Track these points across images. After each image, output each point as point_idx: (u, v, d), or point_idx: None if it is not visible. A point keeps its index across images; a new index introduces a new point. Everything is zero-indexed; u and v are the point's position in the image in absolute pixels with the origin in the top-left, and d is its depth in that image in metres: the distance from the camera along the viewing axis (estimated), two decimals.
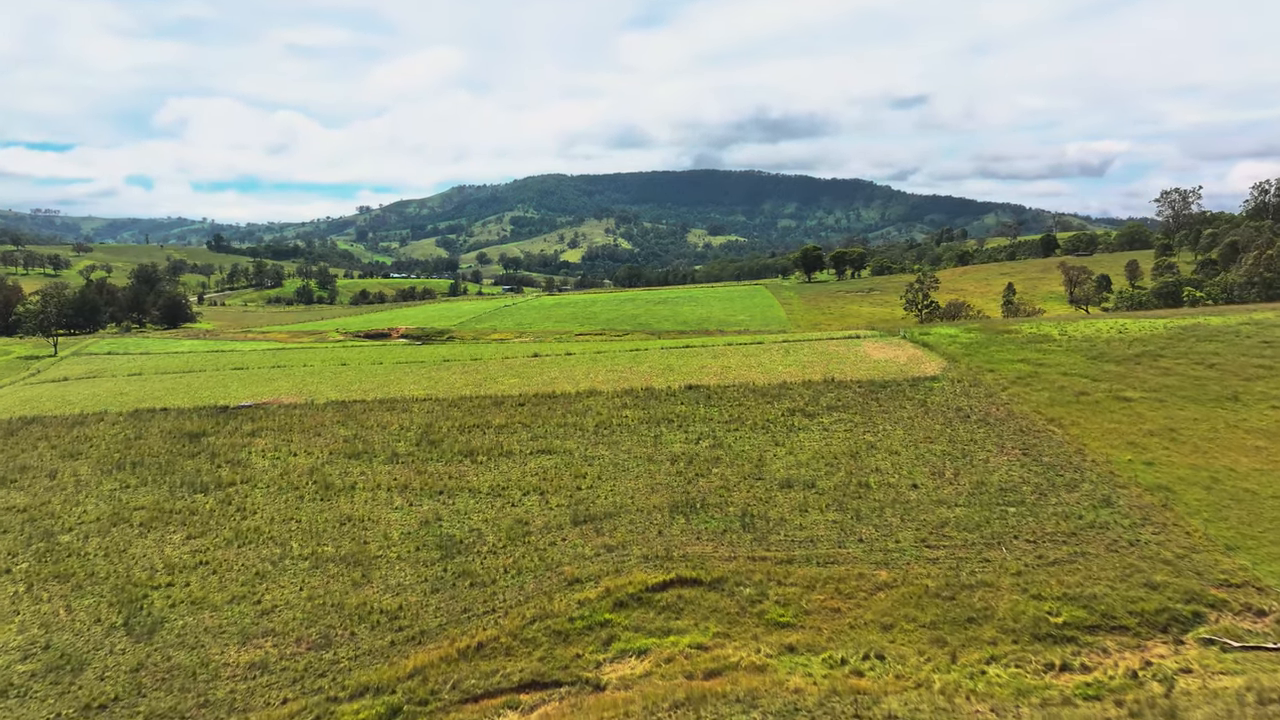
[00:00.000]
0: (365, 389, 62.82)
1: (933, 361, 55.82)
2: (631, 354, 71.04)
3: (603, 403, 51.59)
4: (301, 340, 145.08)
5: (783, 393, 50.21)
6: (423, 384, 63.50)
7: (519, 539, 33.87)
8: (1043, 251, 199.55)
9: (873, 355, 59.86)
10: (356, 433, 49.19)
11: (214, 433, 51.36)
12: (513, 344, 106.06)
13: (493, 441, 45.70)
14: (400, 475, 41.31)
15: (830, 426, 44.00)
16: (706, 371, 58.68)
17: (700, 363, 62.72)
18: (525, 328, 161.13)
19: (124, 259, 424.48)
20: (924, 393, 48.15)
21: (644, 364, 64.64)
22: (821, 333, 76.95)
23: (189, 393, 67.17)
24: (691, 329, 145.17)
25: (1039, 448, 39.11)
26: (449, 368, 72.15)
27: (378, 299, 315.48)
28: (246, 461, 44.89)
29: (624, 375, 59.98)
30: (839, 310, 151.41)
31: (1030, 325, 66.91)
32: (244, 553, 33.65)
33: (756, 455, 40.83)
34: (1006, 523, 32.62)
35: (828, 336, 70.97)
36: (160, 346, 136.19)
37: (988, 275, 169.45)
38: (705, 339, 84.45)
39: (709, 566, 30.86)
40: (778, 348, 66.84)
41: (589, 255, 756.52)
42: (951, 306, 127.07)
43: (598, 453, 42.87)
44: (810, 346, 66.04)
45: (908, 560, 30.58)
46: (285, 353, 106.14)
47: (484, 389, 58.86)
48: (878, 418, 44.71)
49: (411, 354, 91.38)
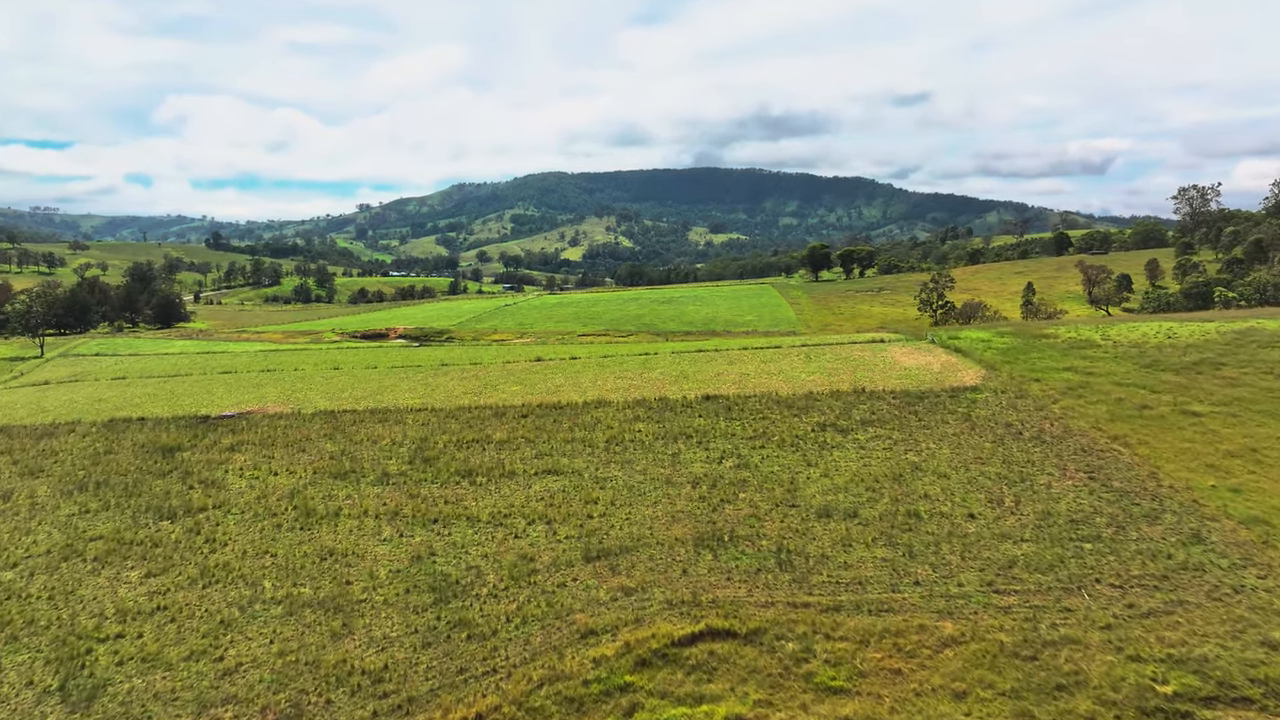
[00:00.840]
0: (357, 397, 58.59)
1: (970, 369, 51.54)
2: (641, 359, 66.78)
3: (613, 414, 47.33)
4: (296, 341, 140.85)
5: (810, 404, 45.93)
6: (418, 391, 59.27)
7: (523, 578, 29.62)
8: (1055, 250, 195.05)
9: (903, 362, 55.58)
10: (344, 448, 44.95)
11: (190, 447, 47.14)
12: (514, 346, 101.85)
13: (493, 459, 41.45)
14: (390, 499, 37.07)
15: (867, 444, 39.72)
16: (724, 379, 54.41)
17: (716, 369, 58.45)
18: (526, 328, 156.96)
19: (121, 257, 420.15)
20: (966, 405, 43.86)
21: (655, 370, 60.40)
22: (842, 336, 72.67)
23: (170, 400, 62.95)
24: (698, 330, 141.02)
25: (1106, 471, 34.82)
26: (447, 373, 67.89)
27: (376, 298, 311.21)
28: (222, 482, 40.64)
29: (634, 383, 55.73)
30: (849, 310, 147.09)
31: (1068, 329, 62.61)
32: (209, 595, 29.39)
33: (788, 478, 36.58)
34: (1084, 562, 28.35)
35: (850, 340, 66.67)
36: (151, 347, 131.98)
37: (1001, 274, 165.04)
38: (717, 342, 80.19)
39: (744, 614, 26.62)
40: (797, 353, 62.56)
41: (590, 253, 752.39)
42: (967, 307, 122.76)
43: (610, 473, 38.61)
44: (833, 352, 61.75)
45: (974, 608, 26.32)
46: (277, 355, 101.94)
47: (484, 398, 54.62)
48: (919, 434, 40.43)
49: (408, 357, 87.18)
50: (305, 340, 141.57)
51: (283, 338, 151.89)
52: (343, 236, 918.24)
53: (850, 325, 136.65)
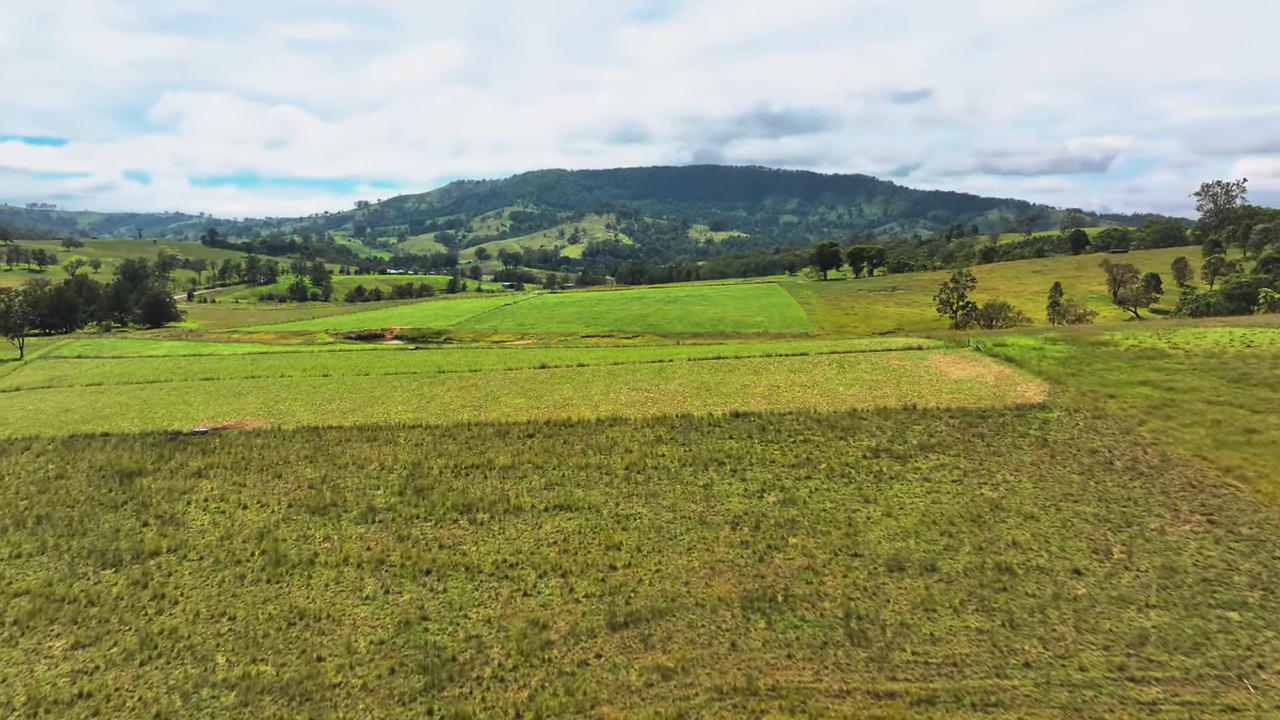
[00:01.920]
0: (345, 409, 53.02)
1: (1029, 383, 45.97)
2: (656, 367, 61.21)
3: (631, 434, 41.77)
4: (289, 341, 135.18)
5: (856, 424, 40.35)
6: (412, 404, 53.69)
7: (535, 653, 24.05)
8: (1072, 248, 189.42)
9: (950, 373, 50.01)
10: (326, 474, 39.37)
11: (153, 471, 41.56)
12: (516, 349, 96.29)
13: (496, 490, 35.88)
14: (376, 542, 31.51)
15: (931, 475, 34.17)
16: (752, 392, 48.84)
17: (741, 380, 52.89)
18: (527, 329, 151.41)
19: (115, 254, 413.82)
20: (1039, 427, 38.28)
21: (673, 381, 54.85)
22: (872, 341, 67.11)
23: (142, 411, 57.36)
24: (706, 331, 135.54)
25: (1227, 512, 29.27)
26: (444, 382, 62.30)
27: (373, 296, 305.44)
28: (183, 517, 35.05)
29: (651, 395, 50.16)
30: (863, 311, 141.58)
31: (1125, 335, 57.11)
32: (147, 674, 23.81)
33: (843, 517, 31.02)
34: (1234, 639, 22.82)
35: (884, 347, 61.05)
36: (136, 349, 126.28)
37: (1018, 273, 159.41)
38: (735, 347, 74.60)
39: (814, 707, 21.09)
40: (828, 361, 57.01)
41: (589, 251, 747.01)
42: (989, 308, 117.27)
43: (633, 509, 33.05)
44: (868, 360, 56.17)
45: (1108, 703, 20.79)
46: (265, 359, 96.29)
47: (485, 412, 49.04)
48: (989, 463, 34.87)
49: (403, 362, 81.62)
50: (297, 341, 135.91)
51: (274, 338, 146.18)
52: (341, 234, 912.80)
53: (865, 326, 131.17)
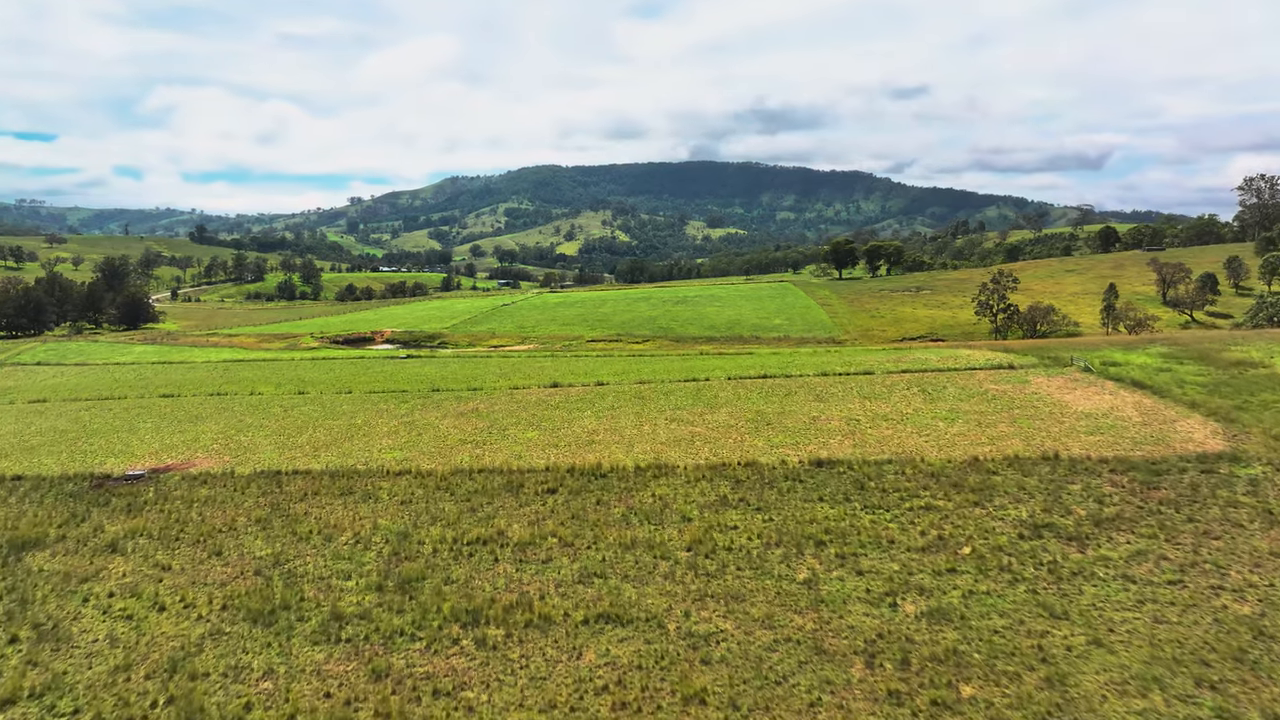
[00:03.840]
0: (317, 443, 42.92)
1: (1187, 419, 36.05)
2: (691, 389, 51.17)
3: (684, 492, 31.77)
4: (270, 346, 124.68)
5: (987, 482, 30.36)
6: (400, 436, 43.56)
7: None
8: (1101, 245, 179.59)
9: (1072, 403, 40.05)
10: (281, 551, 29.24)
11: (56, 541, 31.40)
12: (518, 358, 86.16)
13: (512, 583, 25.83)
14: (339, 681, 21.39)
15: (1131, 569, 24.16)
16: (825, 428, 38.81)
17: (805, 408, 42.89)
18: (528, 331, 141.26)
19: (99, 251, 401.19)
20: (1245, 490, 28.33)
21: (718, 408, 44.81)
22: (940, 354, 56.94)
23: (76, 443, 47.11)
24: (722, 335, 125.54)
25: None
26: (439, 405, 52.17)
27: (365, 294, 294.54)
28: (70, 628, 24.87)
29: (697, 430, 40.13)
30: (890, 313, 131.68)
31: (1257, 350, 47.31)
32: None
33: (1031, 648, 21.02)
34: None
35: (967, 365, 51.02)
36: (104, 354, 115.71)
37: (1051, 272, 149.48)
38: (776, 360, 64.56)
39: None
40: (905, 383, 47.04)
41: (586, 248, 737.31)
42: (1032, 311, 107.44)
43: (711, 623, 23.00)
44: (954, 382, 46.17)
45: None
46: (239, 368, 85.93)
47: (490, 451, 38.94)
48: (1206, 548, 24.90)
49: (392, 375, 71.46)
50: (279, 346, 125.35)
51: (255, 342, 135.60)
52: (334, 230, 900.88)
53: (895, 331, 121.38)
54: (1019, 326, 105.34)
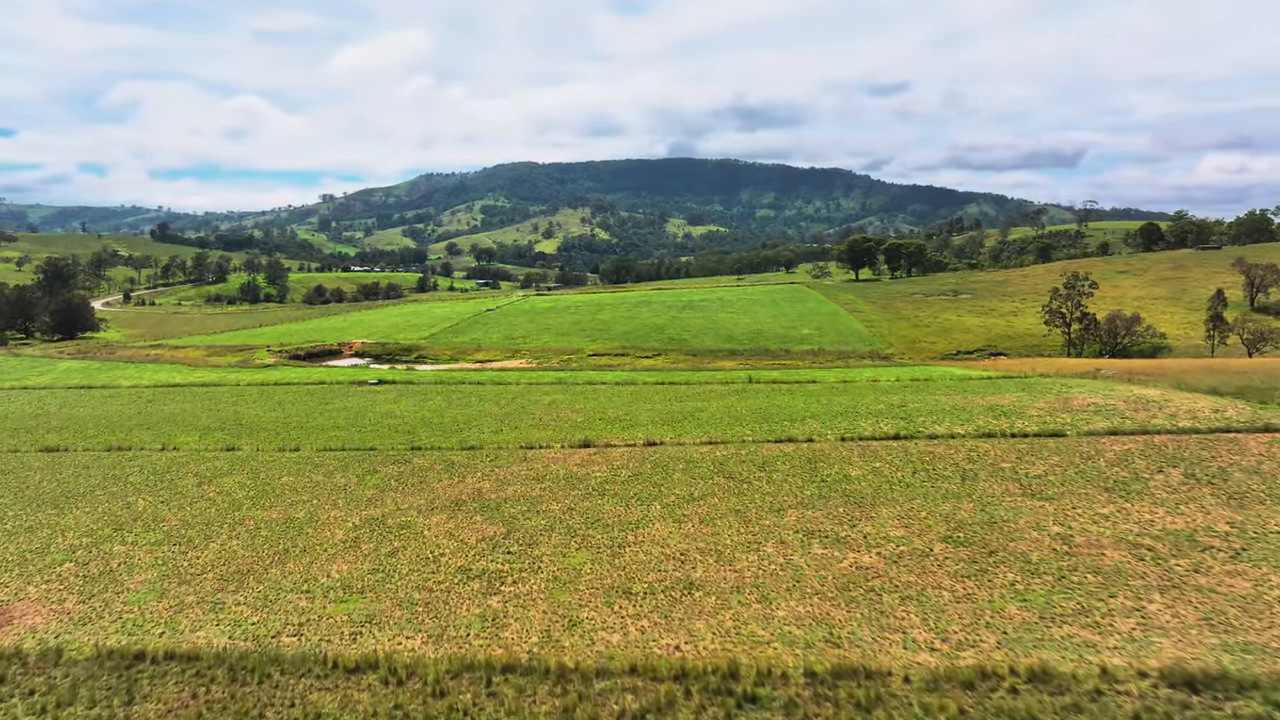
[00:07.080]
0: (229, 568, 26.06)
1: None
2: (798, 458, 34.80)
3: None
4: (218, 362, 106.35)
5: None
6: (362, 558, 26.72)
7: None
8: (1143, 243, 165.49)
9: None
10: None
11: None
12: (515, 382, 69.44)
13: None
14: None
15: None
16: (1102, 567, 22.66)
17: (1026, 515, 26.73)
18: (519, 343, 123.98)
19: (51, 250, 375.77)
20: None
21: (872, 505, 28.54)
22: (1140, 400, 40.43)
23: None
24: (745, 349, 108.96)
25: None
26: (421, 479, 35.40)
27: (335, 297, 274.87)
28: None
29: (864, 561, 23.88)
30: (933, 322, 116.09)
31: None
32: None
33: None
34: None
35: (1193, 424, 34.96)
36: (19, 375, 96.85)
37: (1103, 275, 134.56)
38: (860, 390, 48.30)
39: None
40: (1143, 454, 31.02)
41: (565, 246, 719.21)
42: (1113, 322, 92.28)
43: None
44: (1215, 452, 30.18)
45: None
46: (169, 399, 68.33)
47: (515, 608, 22.38)
48: None
49: (358, 416, 54.48)
50: (230, 361, 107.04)
51: (203, 357, 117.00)
52: (305, 228, 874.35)
53: (945, 343, 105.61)
54: (1097, 340, 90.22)
